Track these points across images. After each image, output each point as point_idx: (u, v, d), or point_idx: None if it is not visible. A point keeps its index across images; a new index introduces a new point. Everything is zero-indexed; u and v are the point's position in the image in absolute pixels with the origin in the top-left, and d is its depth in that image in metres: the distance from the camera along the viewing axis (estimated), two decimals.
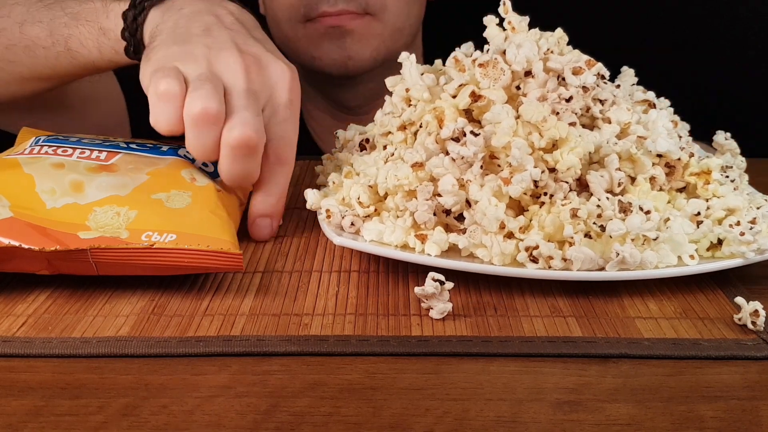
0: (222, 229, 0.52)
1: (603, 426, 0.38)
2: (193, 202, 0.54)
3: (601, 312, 0.49)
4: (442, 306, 0.47)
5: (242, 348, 0.44)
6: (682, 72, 0.99)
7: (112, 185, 0.54)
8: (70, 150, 0.58)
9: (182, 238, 0.50)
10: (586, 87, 0.53)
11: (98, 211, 0.52)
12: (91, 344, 0.45)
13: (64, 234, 0.50)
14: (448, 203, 0.52)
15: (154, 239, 0.50)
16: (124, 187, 0.54)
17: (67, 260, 0.49)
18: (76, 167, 0.56)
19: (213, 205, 0.55)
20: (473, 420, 0.38)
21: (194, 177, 0.57)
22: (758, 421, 0.39)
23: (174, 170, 0.57)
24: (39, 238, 0.49)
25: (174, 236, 0.50)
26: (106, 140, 0.62)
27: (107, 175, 0.55)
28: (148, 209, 0.52)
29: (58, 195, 0.53)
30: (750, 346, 0.45)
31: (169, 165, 0.58)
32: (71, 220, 0.51)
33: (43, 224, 0.50)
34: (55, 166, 0.55)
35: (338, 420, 0.38)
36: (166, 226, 0.51)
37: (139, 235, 0.50)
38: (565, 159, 0.51)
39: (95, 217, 0.51)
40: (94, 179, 0.54)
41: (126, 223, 0.51)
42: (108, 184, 0.54)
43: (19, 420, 0.38)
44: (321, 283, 0.53)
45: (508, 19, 0.57)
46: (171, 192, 0.54)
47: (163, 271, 0.50)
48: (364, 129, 0.63)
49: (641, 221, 0.49)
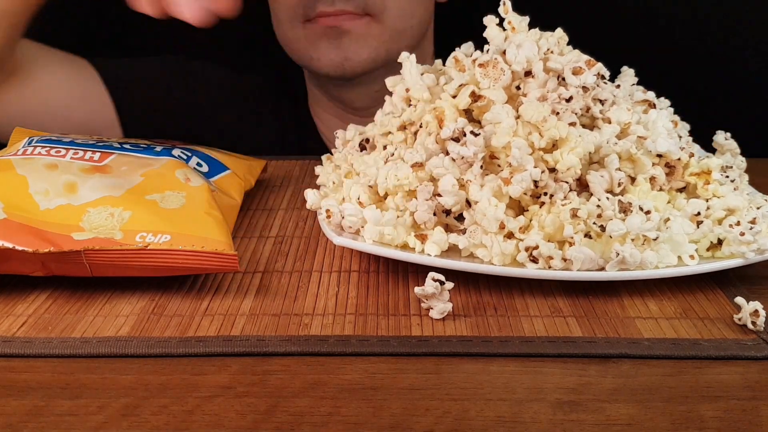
0: (217, 229, 0.52)
1: (603, 426, 0.38)
2: (188, 203, 0.54)
3: (601, 312, 0.49)
4: (442, 306, 0.47)
5: (242, 348, 0.44)
6: (682, 72, 0.99)
7: (106, 186, 0.54)
8: (64, 150, 0.58)
9: (177, 239, 0.50)
10: (586, 87, 0.53)
11: (92, 212, 0.51)
12: (91, 344, 0.45)
13: (58, 235, 0.49)
14: (448, 203, 0.52)
15: (148, 240, 0.50)
16: (118, 187, 0.54)
17: (61, 262, 0.49)
18: (70, 168, 0.55)
19: (207, 205, 0.54)
20: (473, 420, 0.38)
21: (189, 177, 0.57)
22: (758, 421, 0.39)
23: (168, 171, 0.57)
24: (33, 240, 0.49)
25: (168, 237, 0.50)
26: (100, 140, 0.62)
27: (101, 176, 0.55)
28: (142, 210, 0.52)
29: (51, 196, 0.52)
30: (750, 346, 0.45)
31: (164, 165, 0.58)
32: (65, 221, 0.51)
33: (36, 225, 0.50)
34: (49, 167, 0.55)
35: (338, 420, 0.38)
36: (160, 226, 0.51)
37: (133, 236, 0.50)
38: (565, 159, 0.51)
39: (89, 218, 0.51)
40: (88, 180, 0.54)
41: (120, 223, 0.51)
42: (102, 185, 0.54)
43: (19, 420, 0.39)
44: (321, 283, 0.53)
45: (508, 19, 0.57)
46: (165, 192, 0.54)
47: (158, 272, 0.50)
48: (363, 129, 0.63)
49: (641, 221, 0.49)
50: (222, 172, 0.63)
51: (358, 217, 0.53)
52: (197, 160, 0.63)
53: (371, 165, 0.57)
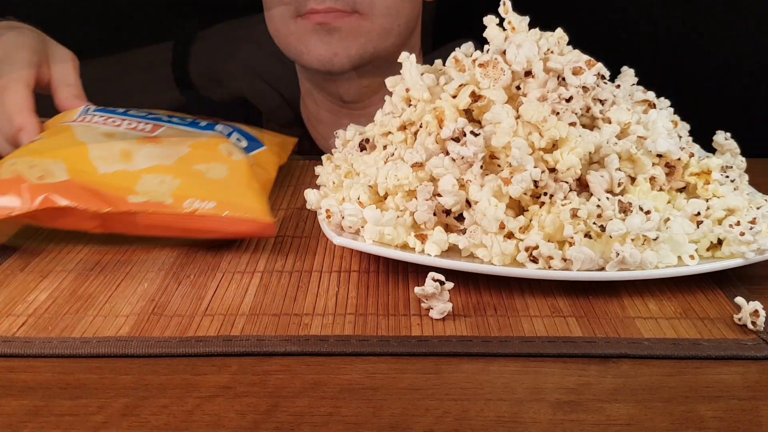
0: (257, 199, 0.57)
1: (603, 426, 0.38)
2: (230, 175, 0.59)
3: (601, 312, 0.49)
4: (442, 306, 0.47)
5: (242, 348, 0.44)
6: (682, 72, 0.99)
7: (158, 155, 0.59)
8: (119, 121, 0.64)
9: (221, 206, 0.55)
10: (586, 87, 0.53)
11: (146, 177, 0.57)
12: (91, 344, 0.45)
13: (115, 197, 0.55)
14: (448, 203, 0.52)
15: (196, 206, 0.55)
16: (169, 157, 0.59)
17: (116, 221, 0.55)
18: (125, 137, 0.61)
19: (247, 177, 0.60)
20: (473, 420, 0.38)
21: (231, 152, 0.62)
22: (758, 421, 0.39)
23: (213, 144, 0.63)
24: (93, 200, 0.54)
25: (214, 203, 0.55)
26: (150, 113, 0.68)
27: (153, 146, 0.60)
28: (190, 179, 0.58)
29: (109, 162, 0.57)
30: (750, 346, 0.45)
31: (209, 139, 0.63)
32: (122, 185, 0.56)
33: (96, 187, 0.55)
34: (106, 135, 0.61)
35: (338, 420, 0.38)
36: (206, 194, 0.56)
37: (182, 202, 0.55)
38: (565, 159, 0.51)
39: (143, 183, 0.56)
40: (142, 149, 0.59)
41: (171, 190, 0.56)
42: (154, 154, 0.59)
43: (19, 420, 0.39)
44: (321, 283, 0.53)
45: (508, 19, 0.57)
46: (211, 164, 0.59)
47: (203, 234, 0.56)
48: (363, 129, 0.63)
49: (641, 221, 0.49)
50: (258, 147, 0.68)
51: (358, 217, 0.53)
52: (237, 135, 0.68)
53: (371, 165, 0.57)
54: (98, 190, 0.55)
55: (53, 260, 0.56)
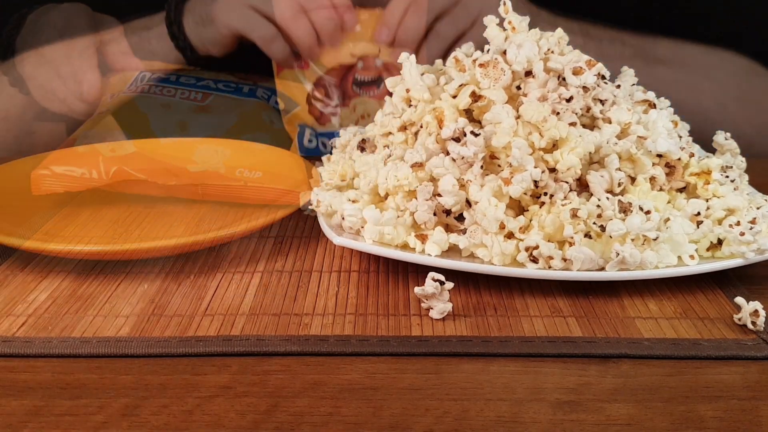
0: (297, 168, 0.63)
1: (603, 426, 0.38)
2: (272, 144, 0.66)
3: (601, 312, 0.49)
4: (442, 306, 0.47)
5: (242, 348, 0.44)
6: None
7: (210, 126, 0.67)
8: (173, 90, 0.71)
9: (267, 177, 0.62)
10: (586, 87, 0.53)
11: (201, 148, 0.64)
12: (91, 344, 0.45)
13: (177, 167, 0.62)
14: (448, 203, 0.52)
15: (246, 175, 0.62)
16: (219, 128, 0.67)
17: (179, 190, 0.61)
18: (180, 107, 0.68)
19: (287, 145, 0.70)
20: (473, 420, 0.38)
21: (272, 120, 0.69)
22: (758, 421, 0.39)
23: (256, 113, 0.70)
24: (160, 173, 0.61)
25: (260, 173, 0.62)
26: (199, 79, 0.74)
27: (205, 116, 0.67)
28: (238, 149, 0.65)
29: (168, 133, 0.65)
30: (750, 346, 0.45)
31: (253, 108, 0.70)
32: (181, 155, 0.63)
33: (160, 158, 0.62)
34: (164, 106, 0.67)
35: (338, 420, 0.38)
36: (253, 164, 0.63)
37: (233, 171, 0.62)
38: (565, 159, 0.51)
39: (200, 153, 0.63)
40: (196, 119, 0.66)
41: (222, 159, 0.63)
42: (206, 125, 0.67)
43: (19, 420, 0.39)
44: (321, 283, 0.53)
45: (508, 19, 0.57)
46: (256, 133, 0.67)
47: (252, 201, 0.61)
48: (363, 129, 0.63)
49: (641, 221, 0.49)
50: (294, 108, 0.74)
51: (358, 217, 0.53)
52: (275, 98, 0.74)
53: (371, 165, 0.57)
54: (161, 161, 0.62)
55: (53, 260, 0.56)
